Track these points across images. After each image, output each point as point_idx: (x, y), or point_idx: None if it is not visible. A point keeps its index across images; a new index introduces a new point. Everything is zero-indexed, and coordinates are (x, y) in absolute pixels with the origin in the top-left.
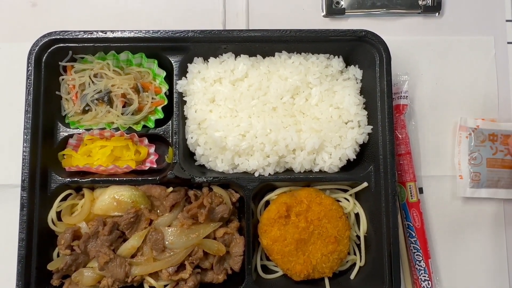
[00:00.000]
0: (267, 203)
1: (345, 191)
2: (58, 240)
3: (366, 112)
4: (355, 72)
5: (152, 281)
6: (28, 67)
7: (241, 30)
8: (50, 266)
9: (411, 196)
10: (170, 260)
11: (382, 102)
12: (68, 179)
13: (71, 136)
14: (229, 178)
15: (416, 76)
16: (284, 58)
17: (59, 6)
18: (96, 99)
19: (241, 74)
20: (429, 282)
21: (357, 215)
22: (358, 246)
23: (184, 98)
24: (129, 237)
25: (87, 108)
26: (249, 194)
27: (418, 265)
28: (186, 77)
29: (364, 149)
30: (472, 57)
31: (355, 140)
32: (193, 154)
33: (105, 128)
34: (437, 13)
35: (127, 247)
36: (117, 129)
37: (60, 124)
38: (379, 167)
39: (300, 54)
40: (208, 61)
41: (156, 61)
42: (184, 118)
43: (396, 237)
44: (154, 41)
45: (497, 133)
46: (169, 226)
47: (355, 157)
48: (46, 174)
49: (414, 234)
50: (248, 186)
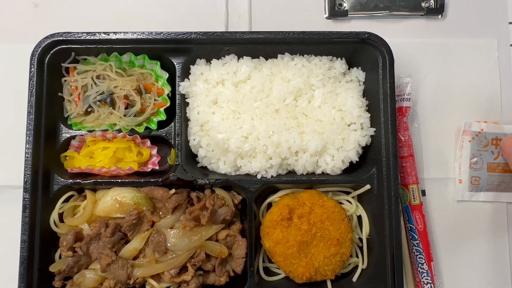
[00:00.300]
0: (270, 205)
1: (348, 194)
2: (60, 242)
3: (369, 114)
4: (358, 74)
5: (154, 283)
6: (31, 69)
7: (244, 32)
8: (52, 268)
9: (414, 199)
10: (172, 262)
11: (385, 104)
12: (70, 181)
13: (74, 138)
14: (232, 180)
15: (419, 78)
16: (287, 60)
17: (62, 7)
18: (99, 101)
19: (244, 76)
20: (432, 285)
21: (360, 218)
22: (361, 249)
23: (187, 100)
24: (131, 239)
25: (90, 110)
26: (252, 196)
27: (421, 268)
28: (189, 79)
29: (367, 152)
30: (475, 59)
31: (358, 143)
32: (196, 156)
33: (108, 130)
34: (440, 15)
35: (129, 249)
36: (120, 131)
37: (63, 126)
38: (382, 170)
39: (303, 56)
40: (211, 63)
41: (159, 63)
42: (187, 120)
43: (399, 240)
44: (157, 43)
45: (501, 137)
46: (171, 228)
47: (358, 160)
48: (48, 176)
49: (417, 237)
50: (251, 188)
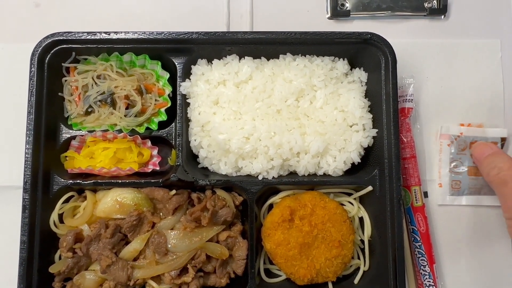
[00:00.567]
0: (271, 207)
1: (350, 195)
2: (60, 243)
3: (371, 115)
4: (360, 75)
5: (155, 285)
6: (31, 68)
7: (246, 32)
8: (52, 269)
9: (416, 200)
10: (173, 264)
11: (388, 105)
12: (71, 181)
13: (74, 138)
14: (233, 181)
15: (422, 79)
16: (289, 61)
17: (63, 7)
18: (99, 101)
19: (245, 76)
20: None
21: (362, 219)
22: (362, 251)
23: (188, 100)
24: (132, 240)
25: (90, 110)
26: (253, 197)
27: (423, 270)
28: (190, 79)
29: (369, 153)
30: (478, 60)
31: (360, 144)
32: (196, 157)
33: (108, 130)
34: (443, 16)
35: (130, 250)
36: (120, 131)
37: (63, 126)
38: (384, 171)
39: (305, 57)
40: (212, 63)
41: (160, 63)
42: (188, 120)
43: (401, 242)
44: (158, 43)
45: (479, 140)
46: (172, 229)
47: (360, 161)
48: (48, 176)
49: (419, 239)
50: (252, 189)
